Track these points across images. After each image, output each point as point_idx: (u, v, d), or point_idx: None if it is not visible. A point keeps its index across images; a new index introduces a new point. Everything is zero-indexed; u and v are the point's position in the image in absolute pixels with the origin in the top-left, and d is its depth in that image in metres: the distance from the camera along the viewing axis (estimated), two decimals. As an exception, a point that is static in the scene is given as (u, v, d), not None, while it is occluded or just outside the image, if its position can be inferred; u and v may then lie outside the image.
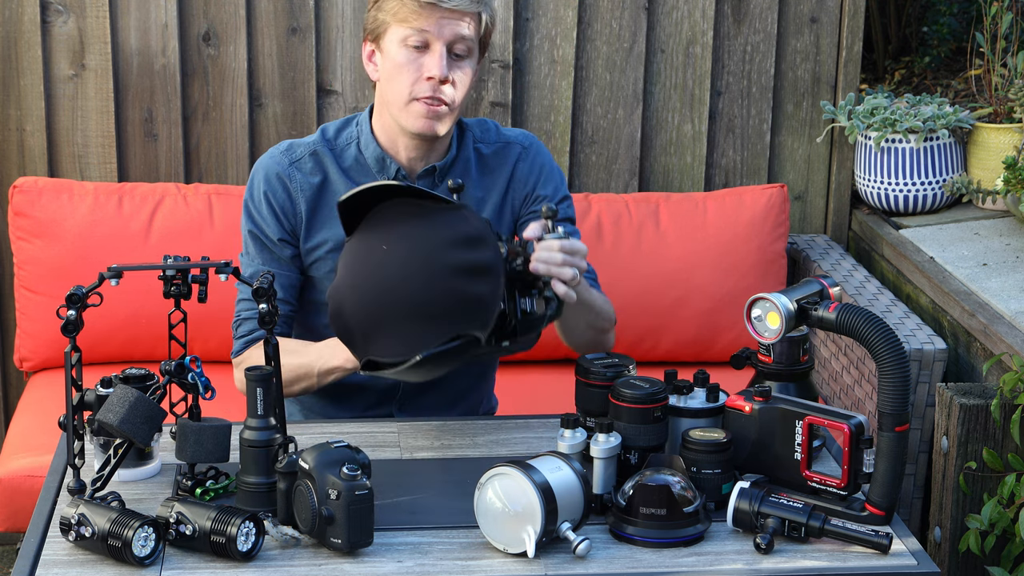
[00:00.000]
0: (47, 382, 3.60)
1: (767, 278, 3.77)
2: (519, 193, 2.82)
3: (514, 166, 2.82)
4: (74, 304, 2.23)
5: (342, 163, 2.77)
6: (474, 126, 2.85)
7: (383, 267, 2.34)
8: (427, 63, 2.66)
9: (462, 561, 2.15)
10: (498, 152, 2.83)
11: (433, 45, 2.66)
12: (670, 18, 3.90)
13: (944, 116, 3.80)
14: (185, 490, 2.32)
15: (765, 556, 2.18)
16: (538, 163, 2.84)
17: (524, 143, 2.85)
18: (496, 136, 2.85)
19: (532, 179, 2.83)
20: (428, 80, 2.65)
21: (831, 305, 2.28)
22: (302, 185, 2.75)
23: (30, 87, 3.73)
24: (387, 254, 2.35)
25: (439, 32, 2.65)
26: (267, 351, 2.30)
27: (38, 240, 3.61)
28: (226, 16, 3.77)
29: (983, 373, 3.20)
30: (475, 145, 2.82)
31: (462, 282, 2.32)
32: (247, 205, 2.78)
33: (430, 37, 2.65)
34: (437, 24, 2.65)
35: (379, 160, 2.75)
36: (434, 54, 2.66)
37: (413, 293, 2.32)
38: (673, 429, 2.38)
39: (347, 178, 2.76)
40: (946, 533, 3.05)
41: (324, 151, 2.77)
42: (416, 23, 2.65)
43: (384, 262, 2.35)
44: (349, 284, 2.38)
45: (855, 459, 2.25)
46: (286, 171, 2.76)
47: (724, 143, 3.98)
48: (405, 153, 2.75)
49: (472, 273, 2.32)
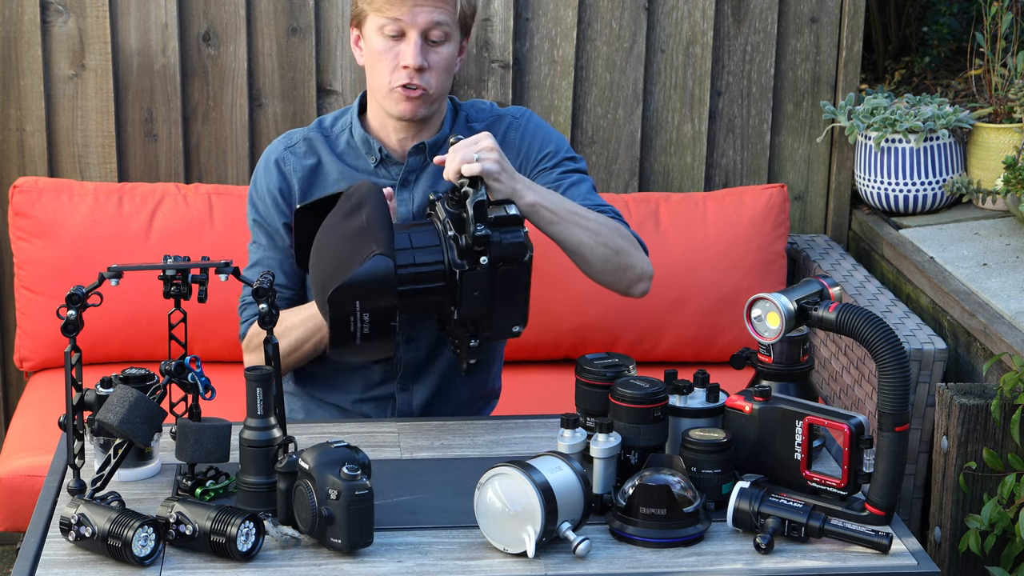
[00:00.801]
0: (47, 382, 3.59)
1: (767, 278, 3.77)
2: (515, 160, 2.82)
3: (504, 135, 2.83)
4: (74, 304, 2.23)
5: (335, 148, 2.83)
6: (468, 108, 2.87)
7: (318, 258, 2.53)
8: (403, 51, 2.69)
9: (462, 561, 2.15)
10: (490, 126, 2.84)
11: (408, 33, 2.69)
12: (670, 18, 3.90)
13: (944, 116, 3.80)
14: (185, 490, 2.31)
15: (765, 556, 2.18)
16: (531, 129, 2.85)
17: (516, 114, 2.87)
18: (489, 113, 2.87)
19: (527, 143, 2.83)
20: (404, 69, 2.69)
21: (831, 305, 2.28)
22: (295, 167, 2.81)
23: (30, 87, 3.73)
24: (317, 245, 2.54)
25: (413, 20, 2.68)
26: (267, 351, 2.30)
27: (38, 240, 3.60)
28: (226, 16, 3.77)
29: (983, 373, 3.20)
30: (469, 124, 2.84)
31: (347, 227, 2.46)
32: (251, 194, 2.85)
33: (404, 25, 2.69)
34: (411, 12, 2.68)
35: (365, 142, 2.81)
36: (409, 43, 2.69)
37: (328, 259, 2.47)
38: (673, 429, 2.38)
39: (341, 162, 2.81)
40: (946, 533, 3.05)
41: (318, 137, 2.84)
42: (390, 12, 2.68)
43: (318, 253, 2.53)
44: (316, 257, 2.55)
45: (855, 459, 2.25)
46: (281, 155, 2.83)
47: (724, 143, 3.98)
48: (395, 135, 2.80)
49: (349, 215, 2.47)
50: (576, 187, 2.81)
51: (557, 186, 2.80)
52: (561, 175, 2.82)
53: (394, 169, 2.81)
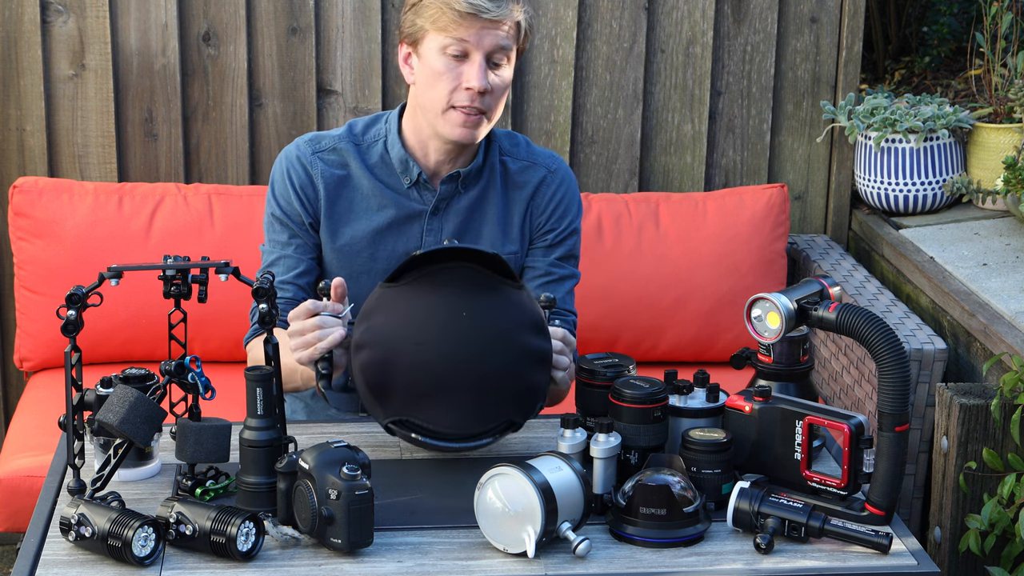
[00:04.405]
0: (47, 382, 3.59)
1: (767, 278, 3.77)
2: (537, 218, 2.82)
3: (536, 188, 2.81)
4: (74, 304, 2.23)
5: (367, 160, 2.77)
6: (503, 138, 2.83)
7: (461, 334, 2.29)
8: (466, 73, 2.64)
9: (462, 561, 2.15)
10: (524, 170, 2.82)
11: (472, 55, 2.64)
12: (670, 18, 3.90)
13: (944, 116, 3.80)
14: (185, 490, 2.31)
15: (765, 556, 2.18)
16: (560, 192, 2.82)
17: (551, 167, 2.83)
18: (525, 153, 2.83)
19: (551, 208, 2.82)
20: (467, 90, 2.64)
21: (831, 305, 2.28)
22: (323, 174, 2.75)
23: (30, 87, 3.73)
24: (467, 321, 2.30)
25: (479, 42, 2.64)
26: (267, 351, 2.30)
27: (38, 240, 3.61)
28: (226, 16, 3.77)
29: (983, 373, 3.20)
30: (502, 157, 2.81)
31: (528, 367, 2.32)
32: (272, 190, 2.78)
33: (469, 47, 2.64)
34: (477, 34, 2.63)
35: (403, 162, 2.75)
36: (473, 64, 2.64)
37: (486, 367, 2.29)
38: (673, 429, 2.38)
39: (371, 175, 2.76)
40: (946, 533, 3.05)
41: (348, 147, 2.77)
42: (456, 33, 2.63)
43: (463, 329, 2.30)
44: (414, 340, 2.30)
45: (855, 459, 2.25)
46: (309, 159, 2.76)
47: (724, 143, 3.98)
48: (434, 156, 2.74)
49: (537, 360, 2.34)
50: (559, 285, 2.81)
51: (546, 272, 2.80)
52: (555, 263, 2.82)
53: (426, 195, 2.76)
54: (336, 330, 2.38)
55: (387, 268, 2.75)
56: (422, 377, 2.29)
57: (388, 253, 2.77)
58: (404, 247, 2.76)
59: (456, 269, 2.34)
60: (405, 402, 2.28)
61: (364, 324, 2.34)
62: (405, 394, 2.28)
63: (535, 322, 2.35)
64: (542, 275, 2.81)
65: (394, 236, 2.76)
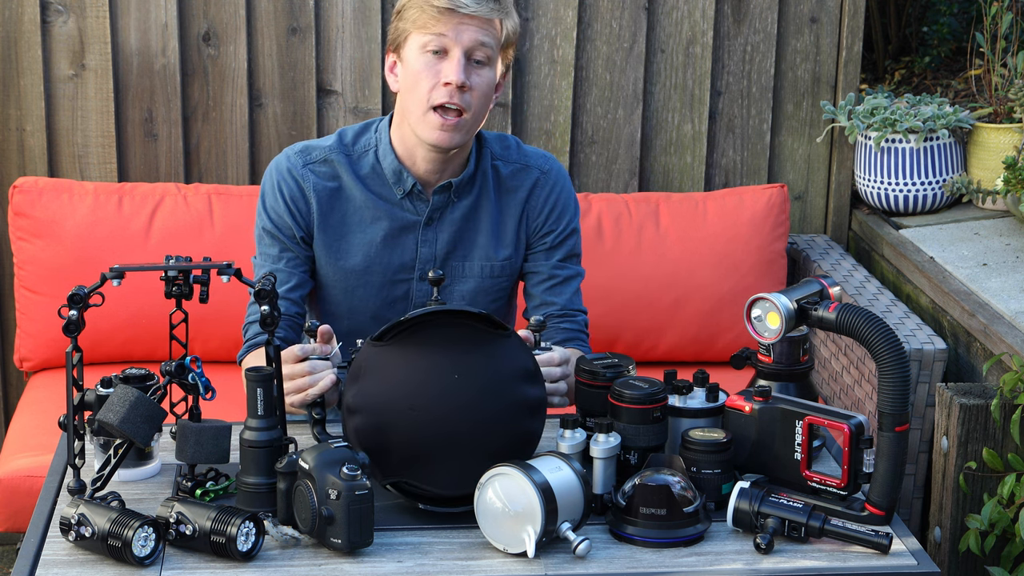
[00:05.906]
0: (47, 382, 3.60)
1: (767, 278, 3.77)
2: (533, 221, 2.81)
3: (530, 191, 2.80)
4: (76, 304, 2.23)
5: (358, 170, 2.76)
6: (493, 141, 2.82)
7: (453, 397, 2.24)
8: (445, 69, 2.64)
9: (462, 561, 2.15)
10: (516, 173, 2.81)
11: (451, 51, 2.64)
12: (670, 18, 3.90)
13: (944, 116, 3.80)
14: (185, 491, 2.31)
15: (765, 556, 2.18)
16: (555, 194, 2.82)
17: (543, 167, 2.82)
18: (516, 155, 2.82)
19: (547, 210, 2.81)
20: (445, 86, 2.64)
21: (831, 305, 2.28)
22: (315, 187, 2.74)
23: (30, 87, 3.73)
24: (458, 383, 2.25)
25: (457, 37, 2.64)
26: (268, 352, 2.30)
27: (38, 240, 3.61)
28: (226, 16, 3.77)
29: (983, 373, 3.20)
30: (493, 162, 2.80)
31: (522, 418, 2.28)
32: (262, 203, 2.77)
33: (448, 42, 2.64)
34: (455, 29, 2.63)
35: (396, 172, 2.74)
36: (452, 60, 2.64)
37: (481, 426, 2.25)
38: (673, 429, 2.38)
39: (363, 186, 2.75)
40: (946, 533, 3.05)
41: (339, 158, 2.76)
42: (435, 28, 2.63)
43: (455, 392, 2.25)
44: (407, 405, 2.24)
45: (855, 459, 2.26)
46: (300, 171, 2.75)
47: (724, 143, 3.98)
48: (423, 165, 2.73)
49: (531, 409, 2.30)
50: (565, 286, 2.81)
51: (550, 276, 2.80)
52: (557, 265, 2.82)
53: (420, 205, 2.75)
54: (326, 375, 2.41)
55: (383, 280, 2.77)
56: (418, 441, 2.23)
57: (384, 265, 2.76)
58: (399, 259, 2.76)
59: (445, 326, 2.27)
60: (402, 465, 2.24)
61: (355, 386, 2.26)
62: (401, 457, 2.24)
63: (526, 371, 2.30)
64: (546, 279, 2.81)
65: (389, 248, 2.76)
